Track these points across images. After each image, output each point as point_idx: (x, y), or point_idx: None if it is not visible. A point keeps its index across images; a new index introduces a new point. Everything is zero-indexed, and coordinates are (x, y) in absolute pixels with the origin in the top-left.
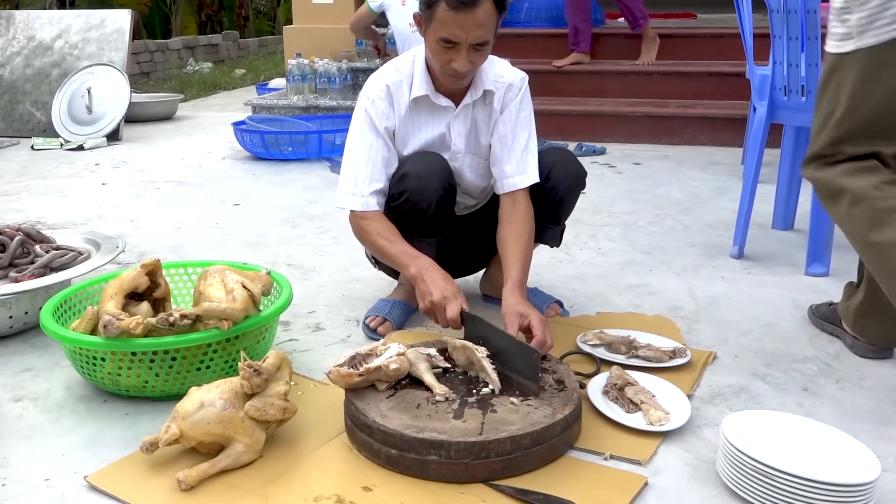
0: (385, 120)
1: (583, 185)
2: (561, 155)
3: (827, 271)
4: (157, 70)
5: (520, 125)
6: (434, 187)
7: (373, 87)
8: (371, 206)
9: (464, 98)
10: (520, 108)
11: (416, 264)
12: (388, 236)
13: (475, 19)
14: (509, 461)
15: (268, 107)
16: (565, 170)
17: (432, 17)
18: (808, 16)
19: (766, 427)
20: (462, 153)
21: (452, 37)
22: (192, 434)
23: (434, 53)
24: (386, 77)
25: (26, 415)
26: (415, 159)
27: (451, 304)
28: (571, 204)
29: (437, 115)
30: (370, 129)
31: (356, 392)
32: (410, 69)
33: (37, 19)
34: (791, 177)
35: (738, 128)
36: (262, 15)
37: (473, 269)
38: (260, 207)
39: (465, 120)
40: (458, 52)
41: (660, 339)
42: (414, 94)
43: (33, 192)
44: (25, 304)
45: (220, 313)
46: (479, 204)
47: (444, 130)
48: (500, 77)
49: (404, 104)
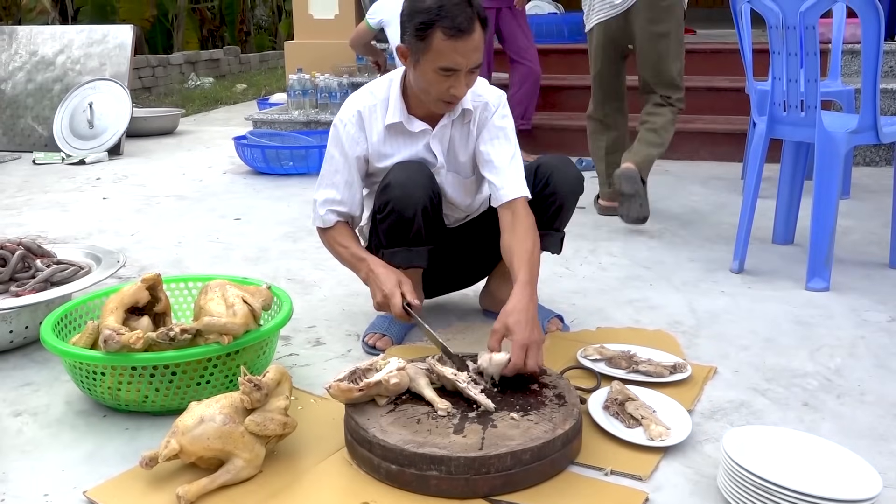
0: (354, 146)
1: (581, 191)
2: (559, 161)
3: (827, 286)
4: (158, 85)
5: (501, 140)
6: (418, 195)
7: (346, 111)
8: (329, 222)
9: (441, 119)
10: (500, 125)
11: (363, 266)
12: (342, 242)
13: (473, 44)
14: (510, 476)
15: (269, 121)
16: (564, 175)
17: (428, 48)
18: (806, 32)
19: (767, 442)
20: (445, 169)
21: (453, 65)
22: (192, 449)
23: (430, 83)
24: (359, 102)
25: (26, 429)
26: (397, 170)
27: (396, 299)
28: (570, 210)
29: (413, 138)
30: (339, 152)
31: (356, 407)
32: (386, 93)
33: (39, 34)
34: (791, 191)
35: (737, 143)
36: (263, 30)
37: (468, 281)
38: (261, 222)
39: (442, 139)
40: (457, 78)
41: (660, 354)
42: (388, 120)
43: (34, 206)
44: (26, 318)
45: (220, 328)
46: (470, 216)
47: (425, 151)
48: (479, 96)
49: (377, 129)
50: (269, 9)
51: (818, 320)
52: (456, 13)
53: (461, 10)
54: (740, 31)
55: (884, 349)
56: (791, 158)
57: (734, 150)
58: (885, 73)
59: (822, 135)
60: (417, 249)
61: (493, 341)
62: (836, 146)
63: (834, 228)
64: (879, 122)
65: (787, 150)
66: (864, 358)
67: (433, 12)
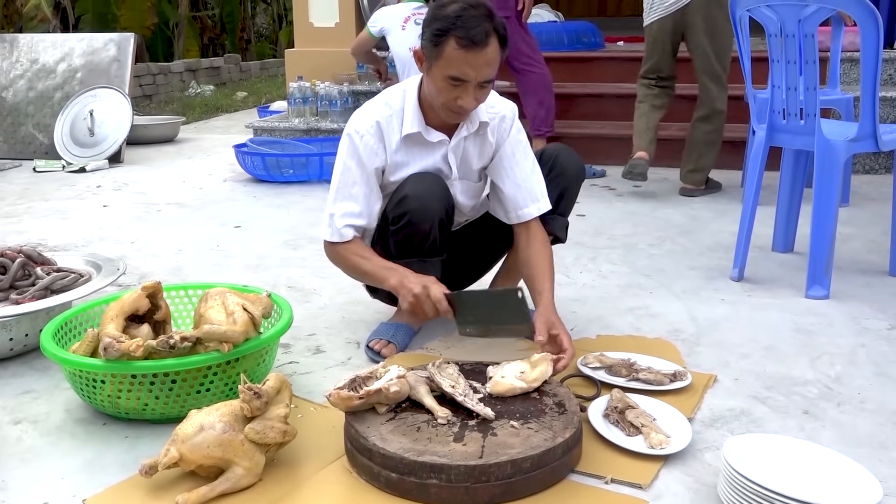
0: (373, 157)
1: (584, 177)
2: (562, 148)
3: (827, 294)
4: (159, 93)
5: (521, 156)
6: (435, 207)
7: (362, 122)
8: (346, 236)
9: (459, 130)
10: (517, 140)
11: (393, 275)
12: (363, 254)
13: (485, 58)
14: (510, 485)
15: (269, 129)
16: (568, 159)
17: (440, 55)
18: (805, 40)
19: (768, 451)
20: (457, 179)
21: (462, 75)
22: (192, 457)
23: (440, 91)
24: (376, 112)
25: (25, 437)
26: (413, 181)
27: (433, 288)
28: (574, 195)
29: (431, 148)
30: (356, 163)
31: (356, 415)
32: (401, 103)
33: (40, 42)
34: (791, 199)
35: (736, 150)
36: (263, 38)
37: (465, 283)
38: (261, 229)
39: (457, 150)
40: (465, 89)
41: (660, 362)
42: (405, 130)
43: (35, 214)
44: (26, 326)
45: (220, 336)
46: (469, 219)
47: (441, 162)
48: (492, 108)
49: (395, 140)
50: (269, 17)
51: (818, 328)
52: (472, 24)
53: (479, 22)
54: (739, 40)
55: (884, 357)
56: (790, 166)
57: (734, 158)
58: (884, 81)
59: (821, 143)
60: (431, 261)
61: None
62: (835, 154)
63: (834, 236)
64: (879, 131)
65: (786, 158)
66: (865, 366)
67: (450, 20)
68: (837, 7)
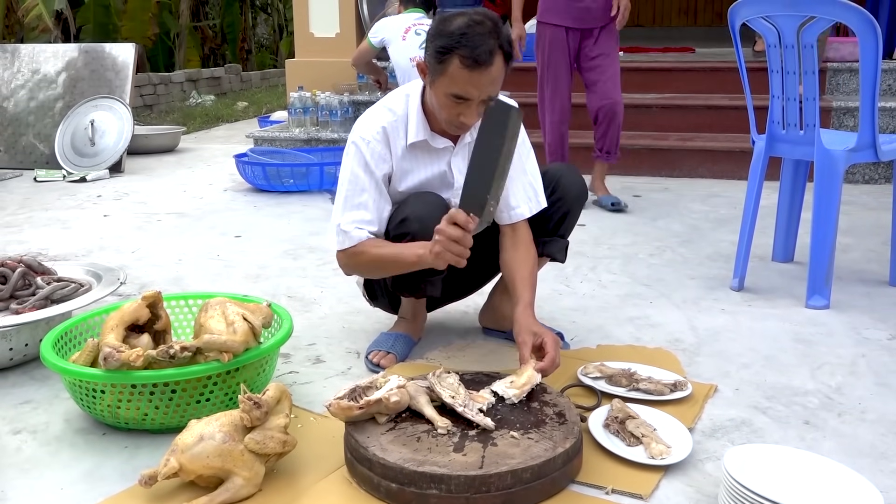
0: (381, 163)
1: (586, 197)
2: (566, 168)
3: (827, 304)
4: (159, 102)
5: (521, 155)
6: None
7: (367, 129)
8: (359, 237)
9: (462, 136)
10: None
11: (421, 247)
12: (379, 245)
13: (489, 77)
14: (510, 495)
15: (269, 139)
16: (570, 181)
17: (444, 72)
18: (804, 50)
19: (768, 461)
20: (461, 187)
21: (465, 94)
22: (192, 467)
23: (442, 106)
24: (381, 118)
25: (25, 447)
26: (414, 202)
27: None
28: (576, 216)
29: (436, 154)
30: (363, 171)
31: (356, 425)
32: (404, 109)
33: (41, 53)
34: (790, 209)
35: (736, 160)
36: (264, 48)
37: (463, 293)
38: (261, 239)
39: (464, 157)
40: (468, 107)
41: (661, 372)
42: (411, 139)
43: (35, 223)
44: (26, 335)
45: (220, 345)
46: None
47: (446, 169)
48: None
49: (401, 146)
50: (270, 27)
51: (818, 338)
52: (477, 43)
53: (483, 40)
54: (739, 50)
55: (884, 367)
56: (790, 176)
57: (733, 168)
58: (883, 91)
59: (821, 153)
60: (432, 280)
61: (527, 352)
62: (835, 164)
63: (834, 246)
64: (878, 141)
65: (786, 168)
66: (865, 376)
67: (455, 38)
68: (836, 18)
